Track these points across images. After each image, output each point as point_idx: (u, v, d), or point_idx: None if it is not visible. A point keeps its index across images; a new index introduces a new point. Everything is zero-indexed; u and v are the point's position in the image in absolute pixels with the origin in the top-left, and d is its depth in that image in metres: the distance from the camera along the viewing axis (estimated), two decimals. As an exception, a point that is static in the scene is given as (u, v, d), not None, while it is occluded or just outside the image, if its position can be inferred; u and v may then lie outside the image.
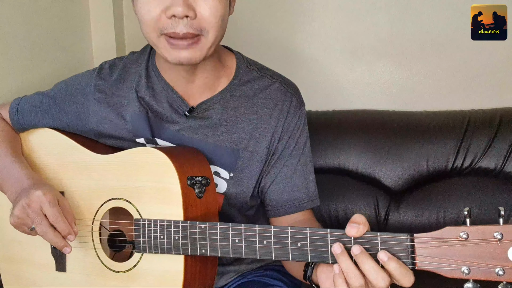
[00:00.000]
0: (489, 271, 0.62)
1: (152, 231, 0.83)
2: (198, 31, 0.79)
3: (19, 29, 1.29)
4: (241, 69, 0.95)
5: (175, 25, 0.78)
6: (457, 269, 0.64)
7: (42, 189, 0.84)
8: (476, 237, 0.63)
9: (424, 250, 0.65)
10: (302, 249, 0.72)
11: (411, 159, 1.43)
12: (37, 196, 0.83)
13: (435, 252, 0.65)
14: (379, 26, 1.57)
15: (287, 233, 0.72)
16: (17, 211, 0.85)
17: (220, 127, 0.93)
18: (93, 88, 0.96)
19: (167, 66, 0.92)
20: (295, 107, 0.95)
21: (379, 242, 0.67)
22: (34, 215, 0.83)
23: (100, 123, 0.96)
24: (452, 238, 0.64)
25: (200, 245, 0.79)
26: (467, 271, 0.63)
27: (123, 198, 0.88)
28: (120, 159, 0.90)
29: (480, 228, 0.63)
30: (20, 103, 1.03)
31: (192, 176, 0.84)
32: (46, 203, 0.83)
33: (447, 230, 0.64)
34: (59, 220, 0.83)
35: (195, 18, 0.78)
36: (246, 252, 0.75)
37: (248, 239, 0.75)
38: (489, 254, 0.62)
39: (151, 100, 0.94)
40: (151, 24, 0.80)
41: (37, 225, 0.83)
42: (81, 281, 0.93)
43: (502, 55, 1.51)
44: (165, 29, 0.79)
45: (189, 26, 0.78)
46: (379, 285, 0.66)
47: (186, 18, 0.77)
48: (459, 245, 0.64)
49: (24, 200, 0.83)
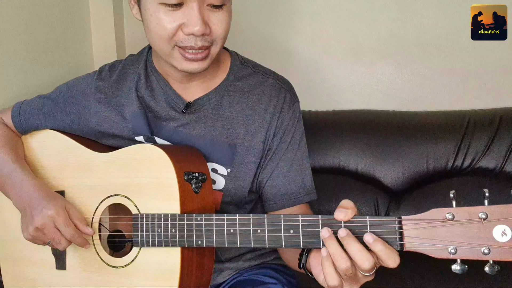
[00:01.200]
0: (475, 250, 0.63)
1: (149, 225, 0.85)
2: (209, 43, 0.84)
3: (19, 31, 1.30)
4: (235, 66, 0.97)
5: (191, 40, 0.82)
6: (444, 249, 0.65)
7: (54, 207, 0.88)
8: (461, 218, 0.64)
9: (411, 232, 0.66)
10: (295, 235, 0.73)
11: (411, 159, 1.43)
12: (51, 217, 0.88)
13: (422, 233, 0.66)
14: (379, 26, 1.57)
15: (280, 220, 0.74)
16: (32, 231, 0.89)
17: (217, 122, 0.94)
18: (93, 89, 0.99)
19: (165, 68, 0.94)
20: (289, 103, 0.96)
21: (368, 225, 0.69)
22: (51, 235, 0.88)
23: (101, 123, 0.98)
24: (438, 219, 0.65)
25: (196, 237, 0.80)
26: (453, 251, 0.64)
27: (122, 194, 0.90)
28: (119, 156, 0.92)
29: (466, 209, 0.64)
30: (22, 106, 1.06)
31: (189, 172, 0.85)
32: (61, 225, 0.88)
33: (434, 211, 0.66)
34: (75, 237, 0.89)
35: (210, 34, 0.83)
36: (241, 241, 0.77)
37: (243, 228, 0.77)
38: (474, 234, 0.63)
39: (150, 99, 0.96)
40: (165, 38, 0.83)
41: (57, 244, 0.89)
42: (80, 278, 0.94)
43: (502, 55, 1.51)
44: (181, 42, 0.82)
45: (204, 40, 0.82)
46: (364, 266, 0.67)
47: (202, 36, 0.82)
48: (446, 225, 0.65)
49: (38, 222, 0.88)
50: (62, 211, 0.88)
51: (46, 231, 0.88)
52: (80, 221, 0.90)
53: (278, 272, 1.04)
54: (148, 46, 1.01)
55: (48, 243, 0.90)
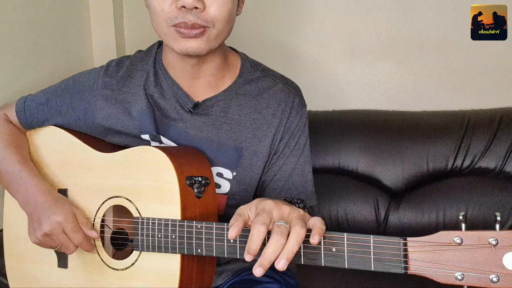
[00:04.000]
0: (483, 277, 0.60)
1: (150, 229, 0.84)
2: (205, 23, 0.82)
3: (19, 29, 1.29)
4: (245, 68, 0.97)
5: (184, 15, 0.81)
6: (451, 274, 0.62)
7: (62, 214, 0.89)
8: (470, 242, 0.61)
9: (417, 255, 0.64)
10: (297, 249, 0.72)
11: (411, 159, 1.43)
12: (59, 223, 0.89)
13: (428, 257, 0.63)
14: (379, 26, 1.57)
15: None
16: (40, 236, 0.90)
17: (224, 125, 0.94)
18: (100, 85, 0.98)
19: (173, 63, 0.94)
20: (297, 107, 0.97)
21: (372, 245, 0.66)
22: (59, 241, 0.90)
23: (107, 119, 0.98)
24: (446, 243, 0.62)
25: (196, 245, 0.80)
26: (460, 277, 0.61)
27: (123, 196, 0.90)
28: (122, 157, 0.92)
29: (475, 233, 0.61)
30: (26, 101, 1.04)
31: (191, 176, 0.85)
32: (70, 231, 0.89)
33: (441, 234, 0.63)
34: (84, 244, 0.90)
35: (203, 10, 0.81)
36: (241, 253, 0.75)
37: (243, 239, 0.74)
38: (483, 260, 0.60)
39: (159, 98, 0.96)
40: (161, 15, 0.83)
41: (65, 249, 0.90)
42: (81, 278, 0.95)
43: (502, 55, 1.51)
44: (176, 18, 0.82)
45: (197, 17, 0.81)
46: None
47: (195, 9, 0.81)
48: (453, 250, 0.62)
49: (46, 228, 0.89)
50: (70, 217, 0.89)
51: (55, 237, 0.89)
52: (85, 226, 0.90)
53: (276, 272, 1.04)
54: (158, 43, 1.00)
55: (55, 247, 0.91)
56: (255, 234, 0.65)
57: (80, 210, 0.93)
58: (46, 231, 0.88)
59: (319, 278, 1.30)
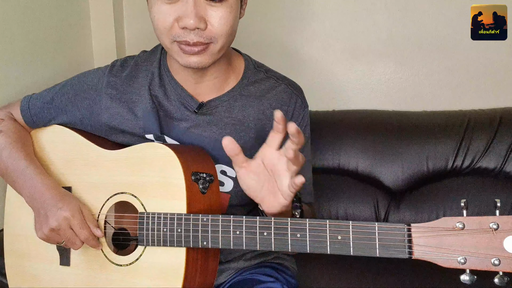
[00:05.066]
0: (485, 260, 0.63)
1: (155, 223, 0.85)
2: (207, 40, 0.83)
3: (19, 29, 1.29)
4: (249, 70, 0.98)
5: (186, 34, 0.82)
6: (453, 258, 0.64)
7: (69, 209, 0.89)
8: (472, 227, 0.63)
9: (421, 240, 0.66)
10: (301, 239, 0.73)
11: (411, 159, 1.43)
12: (66, 218, 0.89)
13: (431, 242, 0.65)
14: (379, 26, 1.57)
15: (287, 224, 0.74)
16: (46, 231, 0.90)
17: (228, 125, 0.95)
18: (105, 84, 0.98)
19: (177, 67, 0.94)
20: (299, 108, 0.98)
21: (377, 231, 0.68)
22: (66, 236, 0.90)
23: (112, 118, 0.98)
24: (448, 228, 0.64)
25: (202, 237, 0.80)
26: (463, 260, 0.64)
27: (128, 192, 0.90)
28: (127, 154, 0.93)
29: (476, 219, 0.63)
30: (31, 100, 1.05)
31: (196, 172, 0.86)
32: (76, 227, 0.89)
33: (444, 220, 0.65)
34: (90, 240, 0.90)
35: (205, 29, 0.82)
36: (247, 243, 0.76)
37: (249, 230, 0.76)
38: (485, 244, 0.63)
39: (163, 98, 0.96)
40: (164, 31, 0.84)
41: (71, 244, 0.91)
42: (84, 275, 0.95)
43: (502, 55, 1.51)
44: (178, 37, 0.83)
45: (199, 36, 0.82)
46: None
47: (197, 29, 0.81)
48: (456, 235, 0.64)
49: (53, 223, 0.89)
50: (77, 213, 0.90)
51: (61, 232, 0.89)
52: (91, 223, 0.91)
53: (277, 271, 1.04)
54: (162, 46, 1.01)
55: (62, 243, 0.92)
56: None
57: (86, 206, 0.93)
58: (53, 226, 0.89)
59: (319, 278, 1.30)
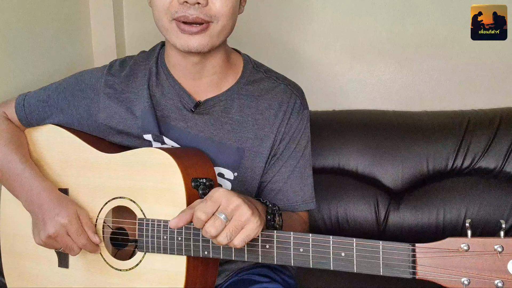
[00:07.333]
0: (488, 283, 0.63)
1: (155, 231, 0.84)
2: (208, 18, 0.82)
3: (19, 28, 1.29)
4: (248, 69, 0.97)
5: (185, 9, 0.81)
6: (457, 279, 0.64)
7: (67, 215, 0.89)
8: (477, 249, 0.64)
9: (425, 260, 0.66)
10: (304, 254, 0.72)
11: (411, 159, 1.43)
12: (63, 225, 0.88)
13: (435, 262, 0.66)
14: (379, 26, 1.57)
15: (290, 238, 0.73)
16: (44, 238, 0.90)
17: (226, 125, 0.94)
18: (103, 84, 0.97)
19: (176, 62, 0.93)
20: (298, 109, 0.96)
21: (381, 250, 0.68)
22: (64, 243, 0.89)
23: (109, 118, 0.97)
24: (453, 249, 0.65)
25: (203, 247, 0.79)
26: (466, 282, 0.64)
27: (127, 197, 0.89)
28: (126, 158, 0.91)
29: (481, 240, 0.64)
30: (26, 98, 1.03)
31: (196, 178, 0.85)
32: (74, 233, 0.89)
33: (449, 241, 0.65)
34: (87, 246, 0.90)
35: (206, 5, 0.81)
36: (248, 256, 0.76)
37: (251, 243, 0.75)
38: (489, 266, 0.63)
39: (161, 97, 0.96)
40: (163, 8, 0.83)
41: (70, 251, 0.90)
42: (83, 278, 0.94)
43: (502, 55, 1.51)
44: (176, 12, 0.82)
45: (199, 12, 0.81)
46: None
47: (197, 4, 0.80)
48: (460, 256, 0.64)
49: (51, 230, 0.88)
50: (74, 219, 0.89)
51: (59, 239, 0.89)
52: (89, 229, 0.90)
53: (274, 272, 1.04)
54: (161, 44, 1.00)
55: (59, 249, 0.91)
56: (194, 219, 0.71)
57: (84, 211, 0.92)
58: (51, 233, 0.88)
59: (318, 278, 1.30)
